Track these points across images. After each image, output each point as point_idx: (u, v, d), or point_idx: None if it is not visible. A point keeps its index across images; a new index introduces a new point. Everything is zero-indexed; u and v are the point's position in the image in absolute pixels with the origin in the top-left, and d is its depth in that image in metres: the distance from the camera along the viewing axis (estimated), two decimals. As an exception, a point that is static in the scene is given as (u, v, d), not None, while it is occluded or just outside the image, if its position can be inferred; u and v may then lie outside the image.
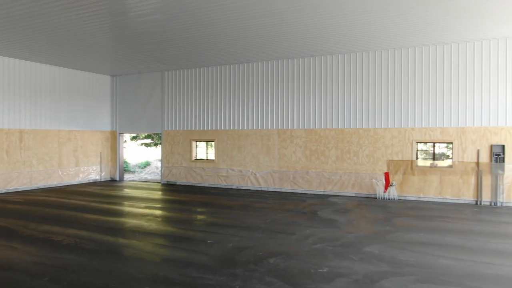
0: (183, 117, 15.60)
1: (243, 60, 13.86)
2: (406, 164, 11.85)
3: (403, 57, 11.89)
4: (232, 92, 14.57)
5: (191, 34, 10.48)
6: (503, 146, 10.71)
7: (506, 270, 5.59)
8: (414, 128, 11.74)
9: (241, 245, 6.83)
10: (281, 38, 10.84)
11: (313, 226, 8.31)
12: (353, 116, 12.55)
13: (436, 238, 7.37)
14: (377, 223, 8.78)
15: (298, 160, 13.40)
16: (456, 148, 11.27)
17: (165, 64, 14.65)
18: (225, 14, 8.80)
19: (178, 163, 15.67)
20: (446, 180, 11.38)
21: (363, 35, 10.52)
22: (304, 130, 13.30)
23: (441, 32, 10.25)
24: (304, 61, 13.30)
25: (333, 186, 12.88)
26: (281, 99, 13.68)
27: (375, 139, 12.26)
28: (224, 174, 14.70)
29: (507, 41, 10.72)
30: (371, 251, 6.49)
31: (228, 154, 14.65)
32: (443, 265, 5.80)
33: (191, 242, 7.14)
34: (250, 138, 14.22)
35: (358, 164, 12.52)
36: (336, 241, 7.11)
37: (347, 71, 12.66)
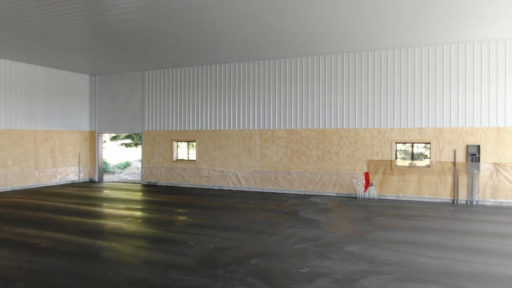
0: (164, 117, 15.44)
1: (224, 60, 13.82)
2: (385, 164, 12.03)
3: (382, 59, 12.06)
4: (213, 92, 14.51)
5: (171, 34, 10.39)
6: (479, 146, 11.00)
7: (480, 268, 5.73)
8: (394, 128, 11.93)
9: (222, 246, 6.80)
10: (261, 38, 10.85)
11: (294, 226, 8.34)
12: (334, 116, 12.67)
13: (415, 236, 7.51)
14: (357, 222, 8.88)
15: (279, 160, 13.45)
16: (434, 148, 11.51)
17: (145, 63, 14.47)
18: (205, 13, 8.75)
19: (159, 164, 15.51)
20: (424, 179, 11.61)
21: (341, 36, 10.63)
22: (285, 131, 13.35)
23: (419, 35, 10.45)
24: (285, 62, 13.35)
25: (314, 186, 12.97)
26: (263, 100, 13.70)
27: (355, 139, 12.41)
28: (206, 174, 14.62)
29: (482, 44, 11.01)
30: (352, 251, 6.56)
31: (209, 154, 14.58)
32: (421, 264, 5.90)
33: (171, 243, 7.07)
34: (232, 139, 14.19)
35: (338, 164, 12.65)
36: (317, 241, 7.16)
37: (328, 72, 12.77)
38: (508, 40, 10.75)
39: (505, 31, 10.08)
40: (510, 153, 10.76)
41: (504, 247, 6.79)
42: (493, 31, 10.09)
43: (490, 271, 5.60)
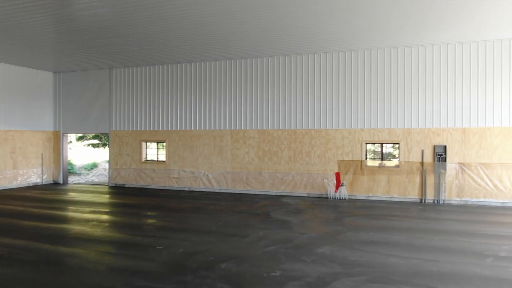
0: (133, 117, 15.00)
1: (194, 59, 13.57)
2: (356, 164, 12.13)
3: (353, 60, 12.16)
4: (183, 92, 14.22)
5: (139, 31, 10.06)
6: (445, 146, 11.26)
7: (449, 267, 5.80)
8: (364, 129, 12.05)
9: (192, 250, 6.60)
10: (232, 38, 10.70)
11: (266, 228, 8.24)
12: (306, 117, 12.68)
13: (385, 236, 7.55)
14: (329, 223, 8.87)
15: (251, 161, 13.33)
16: (403, 148, 11.70)
17: (113, 61, 14.00)
18: (174, 10, 8.51)
19: (127, 165, 15.05)
20: (393, 179, 11.78)
21: (310, 37, 10.63)
22: (257, 131, 13.25)
23: (387, 36, 10.59)
24: (256, 62, 13.24)
25: (285, 187, 12.93)
26: (234, 100, 13.54)
27: (326, 140, 12.45)
28: (176, 175, 14.31)
29: (448, 47, 11.28)
30: (323, 252, 6.51)
31: (179, 155, 14.28)
32: (392, 264, 5.92)
33: (139, 248, 6.80)
34: (202, 139, 13.95)
35: (310, 165, 12.66)
36: (289, 243, 7.08)
37: (299, 72, 12.76)
38: (473, 44, 11.06)
39: (470, 35, 10.36)
40: (474, 153, 11.08)
41: (470, 246, 6.92)
42: (458, 34, 10.35)
43: (458, 270, 5.67)
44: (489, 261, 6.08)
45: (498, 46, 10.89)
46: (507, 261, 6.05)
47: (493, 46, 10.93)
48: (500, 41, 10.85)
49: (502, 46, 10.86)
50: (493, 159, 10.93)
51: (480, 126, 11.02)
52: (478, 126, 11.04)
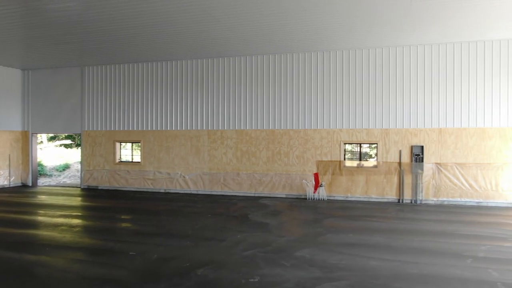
0: (106, 117, 14.51)
1: (170, 57, 13.22)
2: (334, 165, 12.07)
3: (331, 60, 12.10)
4: (159, 91, 13.84)
5: (112, 27, 9.67)
6: (422, 147, 11.33)
7: (429, 269, 5.73)
8: (342, 129, 12.00)
9: (166, 256, 6.31)
10: (207, 36, 10.43)
11: (244, 231, 8.02)
12: (284, 117, 12.53)
13: (364, 238, 7.46)
14: (308, 225, 8.73)
15: (228, 162, 13.08)
16: (381, 148, 11.71)
17: (85, 59, 13.48)
18: (148, 6, 8.19)
19: (100, 166, 14.54)
20: (371, 179, 11.78)
21: (287, 36, 10.49)
22: (235, 131, 13.02)
23: (367, 37, 10.56)
24: (234, 61, 13.01)
25: (264, 188, 12.75)
26: (211, 99, 13.27)
27: (305, 140, 12.34)
28: (151, 177, 13.91)
29: (425, 48, 11.35)
30: (303, 256, 6.34)
31: (155, 156, 13.89)
32: (372, 267, 5.80)
33: (110, 255, 6.46)
34: (179, 139, 13.61)
35: (288, 165, 12.52)
36: (268, 246, 6.88)
37: (277, 72, 12.60)
38: (449, 45, 11.17)
39: (448, 36, 10.44)
40: (450, 154, 11.19)
41: (449, 247, 6.91)
42: (436, 36, 10.41)
43: (438, 272, 5.60)
44: (469, 262, 6.05)
45: (473, 48, 11.03)
46: (486, 262, 6.03)
47: (468, 47, 11.06)
48: (475, 43, 10.99)
49: (477, 48, 11.00)
50: (468, 159, 11.06)
51: (456, 126, 11.14)
52: (454, 127, 11.15)
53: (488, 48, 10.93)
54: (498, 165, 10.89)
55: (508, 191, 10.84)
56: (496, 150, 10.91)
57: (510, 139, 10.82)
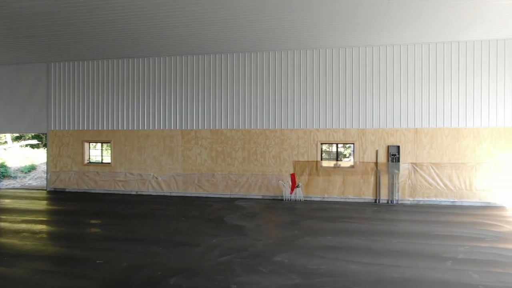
0: (74, 116, 13.83)
1: (142, 54, 12.72)
2: (311, 165, 11.90)
3: (308, 59, 11.92)
4: (131, 89, 13.30)
5: (81, 20, 9.14)
6: (398, 146, 11.31)
7: (411, 273, 5.59)
8: (319, 129, 11.85)
9: (137, 263, 5.92)
10: (183, 31, 10.05)
11: (219, 235, 7.69)
12: (260, 116, 12.27)
13: (343, 241, 7.29)
14: (285, 227, 8.49)
15: (203, 162, 12.71)
16: (358, 148, 11.62)
17: (51, 54, 12.80)
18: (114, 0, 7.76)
19: (68, 167, 13.86)
20: (348, 180, 11.67)
21: (262, 35, 10.24)
22: (209, 131, 12.65)
23: (343, 36, 10.44)
24: (209, 58, 12.65)
25: (239, 189, 12.45)
26: (185, 98, 12.85)
27: (281, 140, 12.12)
28: (122, 178, 13.36)
29: (401, 48, 11.34)
30: (281, 261, 6.08)
31: (126, 156, 13.34)
32: (353, 271, 5.61)
33: (76, 263, 6.01)
34: (151, 139, 13.12)
35: (265, 166, 12.27)
36: (244, 251, 6.59)
37: (253, 70, 12.33)
38: (425, 45, 11.19)
39: (424, 36, 10.44)
40: (426, 153, 11.22)
41: (429, 248, 6.81)
42: (413, 36, 10.40)
43: (420, 275, 5.46)
44: (449, 264, 5.95)
45: (448, 49, 11.09)
46: (466, 264, 5.95)
47: (443, 48, 11.11)
48: (449, 43, 11.05)
49: (451, 49, 11.07)
50: (443, 159, 11.12)
51: (431, 126, 11.18)
52: (430, 127, 11.19)
53: (462, 49, 11.02)
54: (471, 164, 11.00)
55: (481, 191, 10.96)
56: (470, 150, 11.01)
57: (483, 139, 10.94)
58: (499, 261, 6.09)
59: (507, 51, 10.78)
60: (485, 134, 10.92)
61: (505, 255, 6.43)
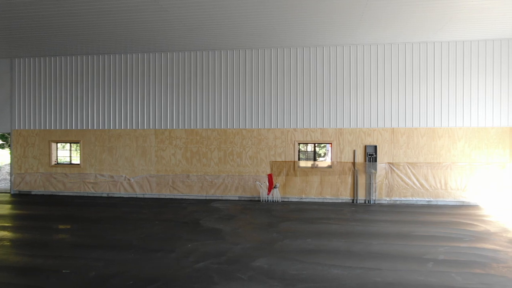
0: (40, 114, 13.14)
1: (113, 50, 12.19)
2: (289, 165, 11.72)
3: (285, 57, 11.73)
4: (101, 86, 12.74)
5: (47, 12, 8.60)
6: (375, 146, 11.28)
7: (393, 276, 5.45)
8: (297, 128, 11.68)
9: (106, 273, 5.53)
10: (152, 28, 9.64)
11: (195, 239, 7.37)
12: (236, 116, 11.99)
13: (323, 243, 7.11)
14: (263, 230, 8.25)
15: (178, 163, 12.31)
16: (335, 148, 11.52)
17: (15, 49, 12.08)
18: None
19: (34, 169, 13.15)
20: (326, 180, 11.56)
21: (238, 31, 9.97)
22: (184, 131, 12.27)
23: (321, 35, 10.29)
24: (184, 55, 12.26)
25: (215, 190, 12.13)
26: (159, 97, 12.41)
27: (258, 140, 11.88)
28: (92, 180, 12.78)
29: (378, 48, 11.31)
30: (260, 266, 5.83)
31: (96, 157, 12.77)
32: (335, 276, 5.42)
33: (38, 274, 5.56)
34: (123, 139, 12.61)
35: (241, 166, 12.00)
36: (222, 256, 6.31)
37: (229, 68, 12.03)
38: (401, 45, 11.20)
39: (400, 36, 10.43)
40: (402, 153, 11.23)
41: (409, 249, 6.72)
42: (389, 36, 10.37)
43: (403, 279, 5.33)
44: (430, 266, 5.86)
45: (423, 49, 11.14)
46: (447, 266, 5.87)
47: (419, 48, 11.16)
48: (425, 44, 11.10)
49: (427, 49, 11.12)
50: (419, 159, 11.17)
51: (407, 126, 11.20)
52: (406, 127, 11.21)
53: (438, 50, 11.09)
54: (446, 164, 11.09)
55: (456, 190, 11.07)
56: (445, 150, 11.09)
57: (458, 139, 11.04)
58: (479, 262, 6.05)
59: (481, 52, 10.92)
60: (459, 134, 11.03)
61: (484, 255, 6.41)
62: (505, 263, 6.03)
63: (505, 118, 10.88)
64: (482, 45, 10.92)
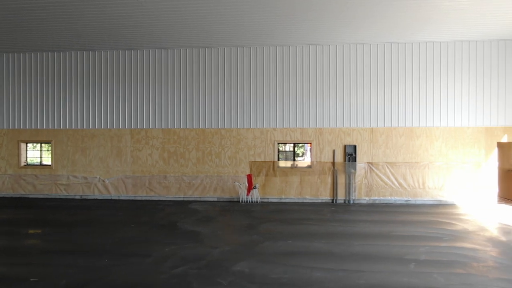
0: (8, 113, 12.54)
1: (87, 47, 11.75)
2: (268, 165, 11.58)
3: (265, 56, 11.59)
4: (74, 85, 12.26)
5: (14, 3, 8.15)
6: (355, 146, 11.27)
7: (376, 278, 5.37)
8: (276, 128, 11.55)
9: (78, 280, 5.23)
10: (127, 22, 9.32)
11: (172, 243, 7.11)
12: (215, 115, 11.76)
13: (304, 245, 6.98)
14: (243, 232, 8.07)
15: (154, 164, 11.98)
16: (315, 148, 11.45)
17: (-20, 45, 11.49)
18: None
19: (2, 170, 12.55)
20: (305, 180, 11.48)
21: (215, 29, 9.77)
22: (161, 130, 11.95)
23: (299, 34, 10.19)
24: (161, 53, 11.94)
25: (193, 191, 11.87)
26: (135, 95, 12.04)
27: (237, 140, 11.69)
28: (64, 182, 12.29)
29: (357, 47, 11.31)
30: (241, 270, 5.65)
31: (69, 158, 12.29)
32: (318, 280, 5.29)
33: (5, 283, 5.20)
34: (97, 139, 12.18)
35: (220, 167, 11.78)
36: (201, 261, 6.09)
37: (208, 67, 11.79)
38: (380, 45, 11.23)
39: (378, 36, 10.44)
40: (381, 153, 11.27)
41: (390, 250, 6.68)
42: (366, 35, 10.36)
43: (385, 281, 5.25)
44: (412, 267, 5.81)
45: (402, 49, 11.21)
46: (429, 266, 5.84)
47: (397, 48, 11.22)
48: (404, 44, 11.17)
49: (405, 49, 11.19)
50: (398, 158, 11.22)
51: (386, 126, 11.24)
52: (385, 126, 11.25)
53: (415, 50, 11.17)
54: (424, 163, 11.19)
55: (433, 189, 11.19)
56: (422, 149, 11.19)
57: (435, 139, 11.16)
58: (460, 262, 6.05)
59: (457, 53, 11.07)
60: (437, 134, 11.15)
61: (463, 254, 6.42)
62: (484, 262, 6.05)
63: (480, 118, 11.05)
64: (458, 46, 11.06)
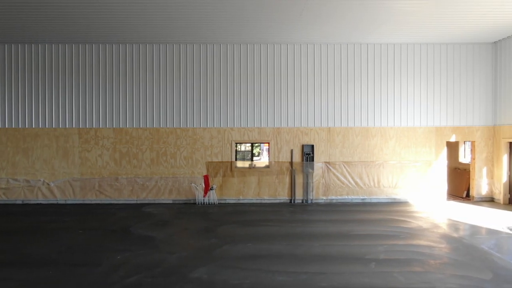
0: None
1: (29, 39, 10.86)
2: (225, 166, 11.31)
3: (222, 54, 11.30)
4: (14, 79, 11.29)
5: None
6: (313, 146, 11.28)
7: (338, 280, 5.29)
8: (234, 128, 11.30)
9: (17, 296, 4.70)
10: (76, 12, 8.70)
11: (125, 250, 6.67)
12: (170, 114, 11.31)
13: (265, 247, 6.80)
14: (201, 235, 7.76)
15: (105, 165, 11.31)
16: (273, 148, 11.34)
17: None
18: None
19: None
20: (263, 180, 11.33)
21: (169, 24, 9.38)
22: (112, 130, 11.31)
23: (257, 32, 10.02)
24: (112, 48, 11.30)
25: (147, 193, 11.34)
26: (83, 91, 11.30)
27: (194, 140, 11.31)
28: (4, 186, 11.29)
29: (315, 47, 11.32)
30: (200, 277, 5.36)
31: (8, 159, 11.31)
32: (280, 284, 5.12)
33: None
34: (41, 139, 11.31)
35: (175, 167, 11.34)
36: (156, 268, 5.72)
37: (162, 63, 11.32)
38: (337, 46, 11.31)
39: (337, 36, 10.50)
40: (338, 152, 11.36)
41: (350, 250, 6.66)
42: (326, 35, 10.39)
43: (348, 282, 5.18)
44: (373, 266, 5.80)
45: (358, 50, 11.36)
46: (389, 265, 5.85)
47: (353, 49, 11.36)
48: (359, 45, 11.33)
49: (361, 50, 11.36)
50: (354, 158, 11.36)
51: (343, 126, 11.35)
52: (342, 126, 11.35)
53: (371, 51, 11.37)
54: (379, 162, 11.41)
55: (388, 187, 11.44)
56: (377, 149, 11.41)
57: (389, 138, 11.41)
58: (418, 260, 6.12)
59: (409, 55, 11.39)
60: (391, 134, 11.41)
61: (420, 252, 6.52)
62: (440, 259, 6.17)
63: (431, 118, 11.44)
64: (411, 49, 11.39)
